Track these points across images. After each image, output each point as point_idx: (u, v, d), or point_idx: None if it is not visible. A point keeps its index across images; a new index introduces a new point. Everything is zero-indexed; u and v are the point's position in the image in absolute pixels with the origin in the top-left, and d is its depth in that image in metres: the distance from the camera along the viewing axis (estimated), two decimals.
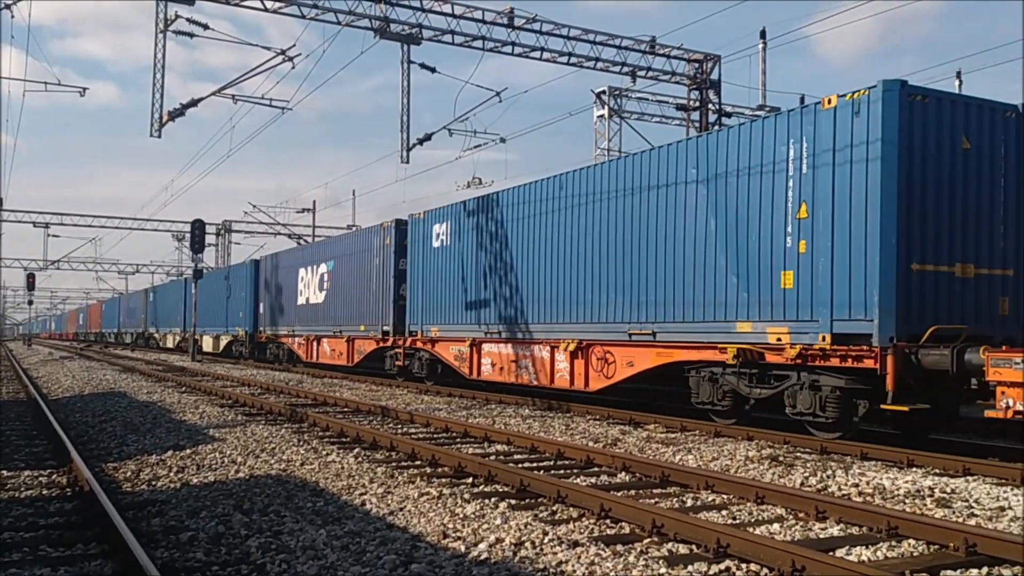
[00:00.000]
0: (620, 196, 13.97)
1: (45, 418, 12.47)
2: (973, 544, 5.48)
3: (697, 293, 12.40)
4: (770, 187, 11.28)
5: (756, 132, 11.64)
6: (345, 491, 7.56)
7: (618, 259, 14.02)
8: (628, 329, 13.67)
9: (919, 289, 10.26)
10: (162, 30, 18.38)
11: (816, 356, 10.66)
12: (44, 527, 6.26)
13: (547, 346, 15.76)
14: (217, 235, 53.06)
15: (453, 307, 18.97)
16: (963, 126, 10.63)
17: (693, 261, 12.49)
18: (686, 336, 12.60)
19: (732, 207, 11.86)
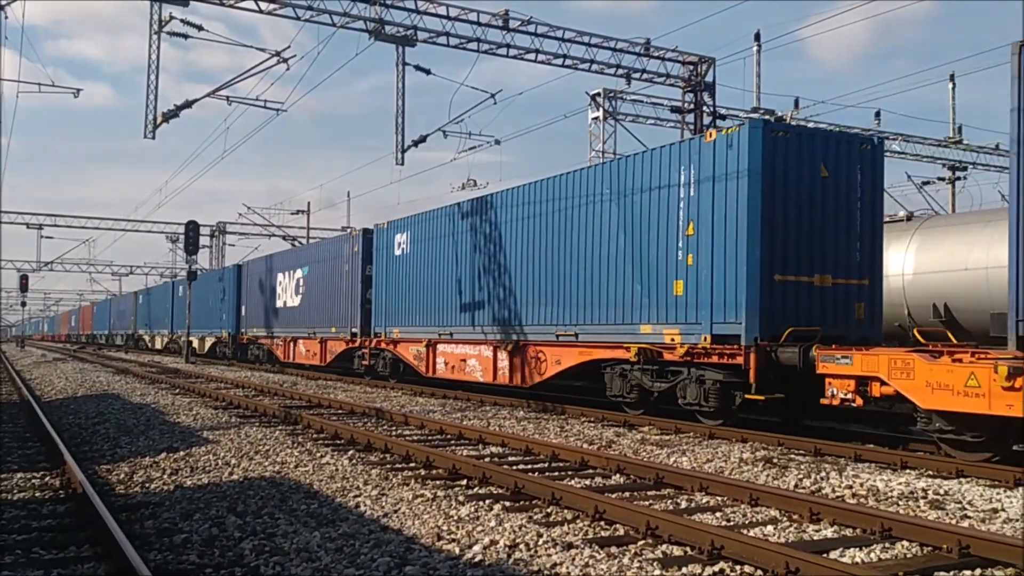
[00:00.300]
0: (550, 213, 15.61)
1: (38, 420, 12.43)
2: (966, 546, 5.50)
3: (610, 299, 13.96)
4: (666, 207, 12.91)
5: (656, 158, 13.18)
6: (339, 493, 7.55)
7: (548, 268, 15.62)
8: (556, 331, 15.32)
9: (781, 296, 11.83)
10: (156, 31, 18.35)
11: (701, 354, 12.15)
12: (37, 529, 6.24)
13: (490, 346, 17.14)
14: (211, 237, 52.97)
15: (412, 310, 20.51)
16: (822, 157, 12.24)
17: (607, 270, 14.08)
18: (602, 337, 14.20)
19: (637, 224, 13.49)
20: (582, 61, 22.10)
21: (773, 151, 11.83)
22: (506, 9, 20.55)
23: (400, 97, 20.82)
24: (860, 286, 12.62)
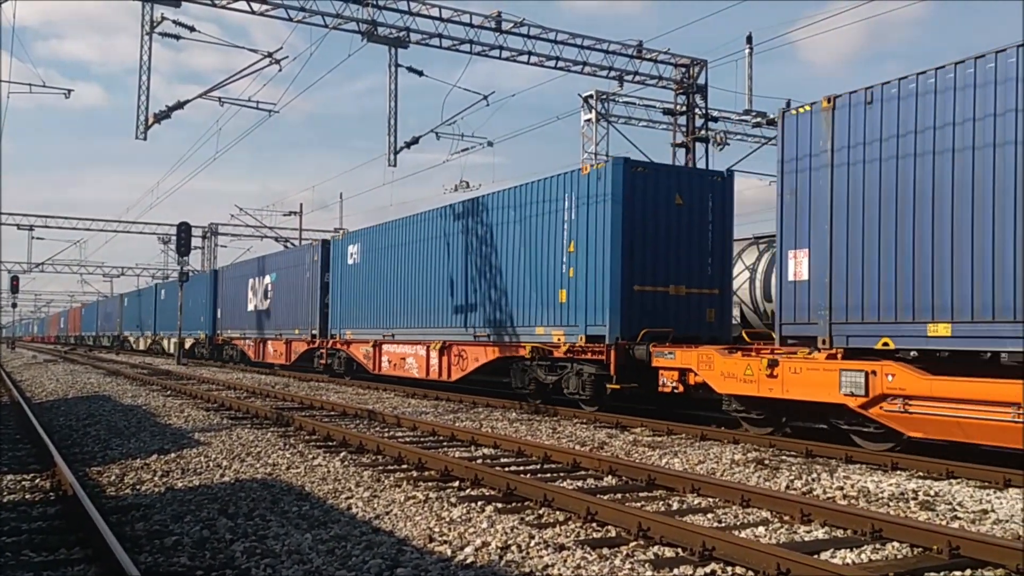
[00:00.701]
0: (467, 232, 18.26)
1: (28, 422, 12.38)
2: (956, 547, 5.52)
3: (515, 305, 16.49)
4: (555, 228, 15.37)
5: (549, 186, 15.65)
6: (331, 495, 7.54)
7: (469, 279, 18.11)
8: (475, 332, 17.71)
9: (640, 303, 14.22)
10: (148, 32, 18.30)
11: (579, 351, 14.57)
12: (27, 532, 6.21)
13: (424, 346, 19.64)
14: (203, 238, 52.84)
15: (362, 314, 22.98)
16: (677, 188, 14.72)
17: (512, 281, 16.63)
18: (507, 337, 16.67)
19: (534, 242, 15.98)
20: (574, 63, 22.11)
21: (633, 183, 14.28)
22: (499, 11, 20.56)
23: (393, 98, 20.81)
24: (711, 295, 15.04)
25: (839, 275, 10.60)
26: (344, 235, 25.22)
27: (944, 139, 9.52)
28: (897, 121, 9.94)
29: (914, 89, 9.79)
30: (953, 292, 9.41)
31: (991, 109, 9.10)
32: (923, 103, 9.70)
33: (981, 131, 9.20)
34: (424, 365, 19.57)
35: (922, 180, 9.72)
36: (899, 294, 9.91)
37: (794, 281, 11.16)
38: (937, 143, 9.57)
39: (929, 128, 9.63)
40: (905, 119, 9.87)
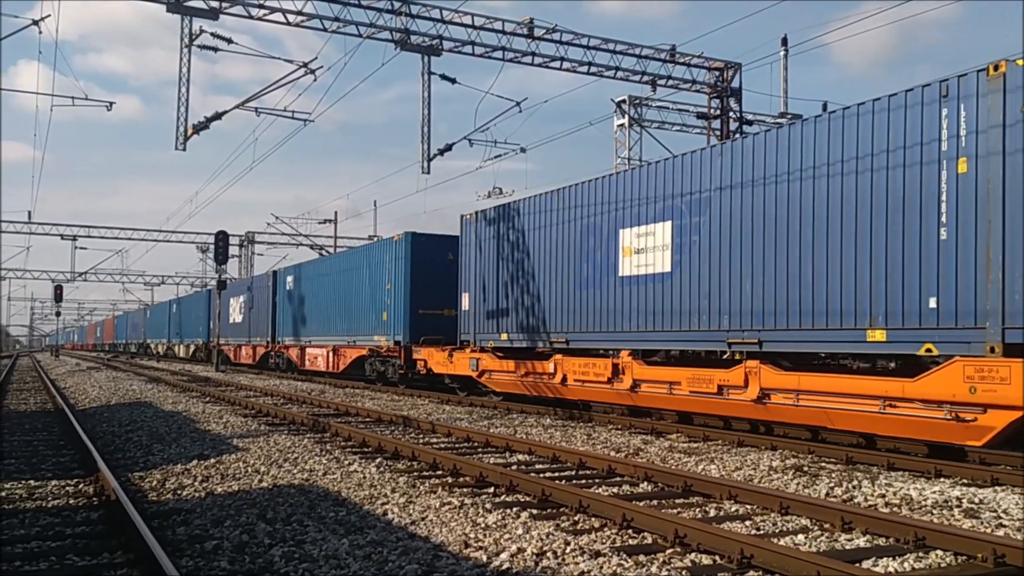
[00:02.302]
0: (342, 273, 27.68)
1: (72, 428, 12.62)
2: (1002, 555, 5.41)
3: (364, 321, 25.29)
4: (381, 273, 24.17)
5: (380, 246, 24.80)
6: (367, 500, 7.58)
7: (342, 304, 27.38)
8: (347, 339, 26.55)
9: (423, 321, 22.20)
10: (187, 44, 18.61)
11: (392, 350, 22.80)
12: (71, 536, 6.33)
13: (324, 348, 28.67)
14: (240, 246, 53.53)
15: (293, 326, 32.40)
16: (449, 248, 21.33)
17: (363, 307, 25.45)
18: (363, 341, 25.11)
19: (374, 281, 24.75)
20: (607, 68, 22.09)
21: (417, 247, 22.69)
22: (531, 17, 20.60)
23: (426, 106, 20.93)
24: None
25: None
26: (284, 268, 34.60)
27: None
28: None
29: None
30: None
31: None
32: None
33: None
34: (325, 361, 28.46)
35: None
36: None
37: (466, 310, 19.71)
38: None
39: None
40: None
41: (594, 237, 15.17)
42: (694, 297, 12.96)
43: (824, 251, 10.98)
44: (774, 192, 11.78)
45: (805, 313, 11.20)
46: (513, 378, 17.31)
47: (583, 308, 15.42)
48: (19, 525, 6.70)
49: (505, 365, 17.50)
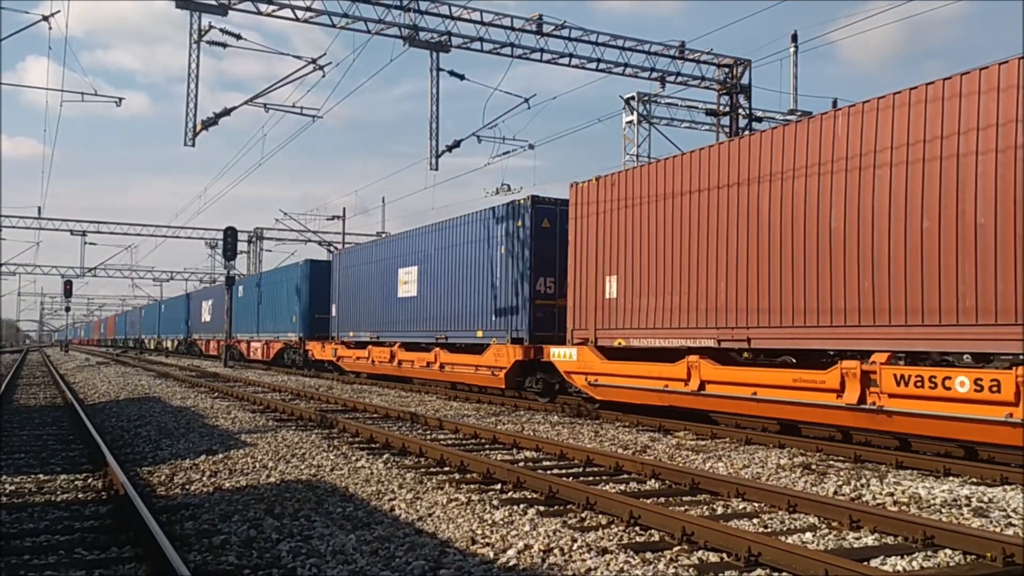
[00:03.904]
0: (273, 283, 36.39)
1: (81, 423, 12.68)
2: (1011, 554, 5.38)
3: (284, 322, 33.84)
4: (292, 287, 33.57)
5: (295, 268, 33.40)
6: (374, 496, 7.59)
7: (274, 307, 35.66)
8: (276, 336, 35.00)
9: (316, 322, 30.53)
10: (196, 40, 18.65)
11: (297, 344, 32.13)
12: (79, 530, 6.36)
13: (260, 342, 37.54)
14: (248, 242, 53.63)
15: (244, 325, 40.32)
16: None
17: (281, 310, 34.42)
18: (283, 337, 33.80)
19: (290, 292, 33.46)
20: (616, 65, 22.03)
21: (315, 270, 31.77)
22: (539, 14, 20.56)
23: (434, 102, 20.93)
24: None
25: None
26: (240, 279, 42.82)
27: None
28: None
29: None
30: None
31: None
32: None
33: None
34: (261, 352, 37.11)
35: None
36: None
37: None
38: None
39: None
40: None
41: (388, 273, 24.43)
42: (436, 310, 21.28)
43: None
44: (479, 250, 19.60)
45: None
46: (362, 361, 25.71)
47: (384, 316, 24.52)
48: (28, 519, 6.73)
49: (353, 352, 26.59)
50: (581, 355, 15.09)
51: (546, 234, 17.24)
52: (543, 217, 17.32)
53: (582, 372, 15.13)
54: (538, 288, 17.29)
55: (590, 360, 14.86)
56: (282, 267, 37.85)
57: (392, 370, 23.26)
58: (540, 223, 17.35)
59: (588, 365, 14.91)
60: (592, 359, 14.81)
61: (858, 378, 10.15)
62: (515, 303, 17.69)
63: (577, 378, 15.34)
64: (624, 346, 14.21)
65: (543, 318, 17.30)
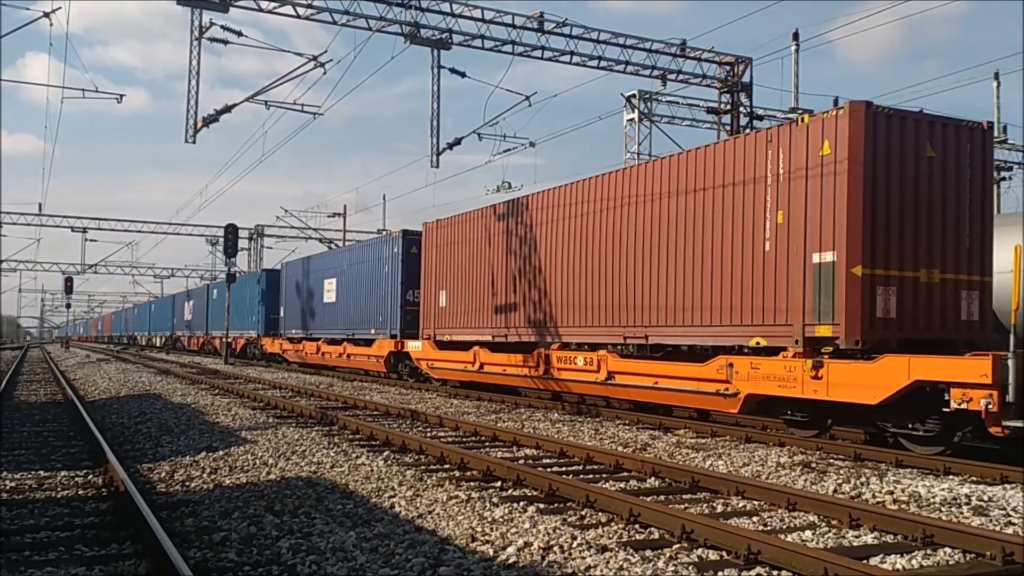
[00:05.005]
0: (240, 287, 40.40)
1: (82, 419, 12.68)
2: (1010, 553, 5.38)
3: (248, 321, 39.88)
4: (254, 293, 39.16)
5: (251, 278, 40.71)
6: (374, 494, 7.60)
7: (240, 309, 40.04)
8: (242, 333, 40.82)
9: (272, 321, 36.62)
10: (196, 37, 18.63)
11: (256, 340, 38.63)
12: (80, 527, 6.36)
13: (216, 339, 44.73)
14: (249, 239, 53.63)
15: (217, 323, 44.51)
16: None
17: (245, 312, 40.31)
18: (247, 334, 40.31)
19: (253, 296, 39.65)
20: (617, 63, 22.01)
21: (271, 278, 37.76)
22: (541, 11, 20.55)
23: (435, 100, 20.92)
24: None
25: None
26: (212, 283, 49.39)
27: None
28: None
29: None
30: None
31: None
32: None
33: None
34: (233, 346, 41.13)
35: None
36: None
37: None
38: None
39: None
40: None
41: (317, 283, 30.61)
42: (348, 313, 27.41)
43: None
44: (377, 267, 25.62)
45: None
46: (300, 353, 31.69)
47: (314, 318, 30.83)
48: (29, 515, 6.74)
49: (293, 346, 32.56)
50: (424, 347, 21.34)
51: (414, 258, 22.78)
52: (411, 245, 23.20)
53: (425, 359, 21.39)
54: (407, 297, 23.37)
55: (429, 350, 21.11)
56: (246, 275, 43.99)
57: (318, 360, 29.78)
58: (409, 249, 23.29)
59: (428, 354, 21.17)
60: (430, 349, 21.02)
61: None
62: (392, 308, 23.92)
63: (423, 363, 21.64)
64: (447, 340, 20.47)
65: (410, 320, 22.96)
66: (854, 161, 10.59)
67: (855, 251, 10.55)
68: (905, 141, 10.92)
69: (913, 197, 10.93)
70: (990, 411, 9.00)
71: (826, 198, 10.85)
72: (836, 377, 10.44)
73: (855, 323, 10.49)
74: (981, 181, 11.53)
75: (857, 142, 10.59)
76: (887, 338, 10.67)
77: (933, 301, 11.02)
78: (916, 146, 10.99)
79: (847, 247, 10.56)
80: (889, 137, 10.81)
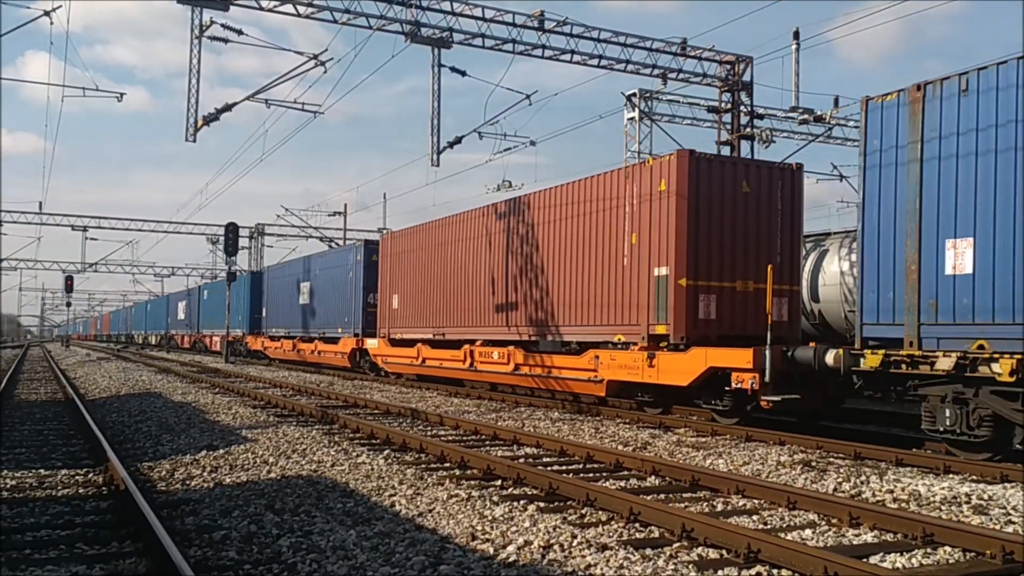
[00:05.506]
0: (220, 290, 43.36)
1: (82, 418, 12.69)
2: (1010, 552, 5.38)
3: (233, 320, 40.91)
4: (240, 294, 41.26)
5: (243, 281, 41.16)
6: (375, 492, 7.60)
7: (220, 309, 42.42)
8: (227, 331, 41.63)
9: (256, 320, 38.69)
10: (197, 36, 18.62)
11: (242, 338, 41.13)
12: (80, 525, 6.37)
13: (217, 336, 44.54)
14: (250, 238, 53.59)
15: (206, 321, 48.56)
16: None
17: (231, 311, 41.03)
18: (232, 332, 40.90)
19: (238, 297, 41.15)
20: (617, 61, 21.97)
21: (255, 280, 40.49)
22: (541, 10, 20.51)
23: (435, 99, 20.89)
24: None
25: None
26: (199, 287, 53.40)
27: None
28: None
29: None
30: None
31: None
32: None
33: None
34: (219, 344, 42.89)
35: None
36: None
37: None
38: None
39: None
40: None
41: (293, 286, 33.40)
42: (319, 313, 30.42)
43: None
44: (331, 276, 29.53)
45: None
46: (278, 351, 34.57)
47: (291, 317, 33.62)
48: (29, 513, 6.75)
49: (273, 343, 35.54)
50: (380, 344, 24.20)
51: (374, 265, 25.43)
52: (371, 253, 26.02)
53: (380, 354, 24.28)
54: (368, 300, 26.26)
55: (384, 347, 23.95)
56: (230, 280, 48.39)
57: (294, 356, 32.59)
58: (370, 257, 26.07)
59: (383, 350, 24.06)
60: (385, 346, 23.87)
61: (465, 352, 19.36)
62: (355, 310, 26.92)
63: (378, 358, 24.52)
64: (398, 338, 23.25)
65: (371, 320, 25.68)
66: (680, 196, 13.23)
67: (681, 266, 13.23)
68: (724, 179, 13.56)
69: (731, 224, 13.55)
70: (754, 389, 11.79)
71: (663, 224, 13.50)
72: (663, 365, 13.27)
73: (681, 323, 13.19)
74: (791, 210, 14.20)
75: (683, 181, 13.19)
76: (708, 335, 13.23)
77: (748, 306, 13.54)
78: (734, 183, 13.63)
79: (675, 263, 13.26)
80: (710, 176, 13.45)
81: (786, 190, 14.14)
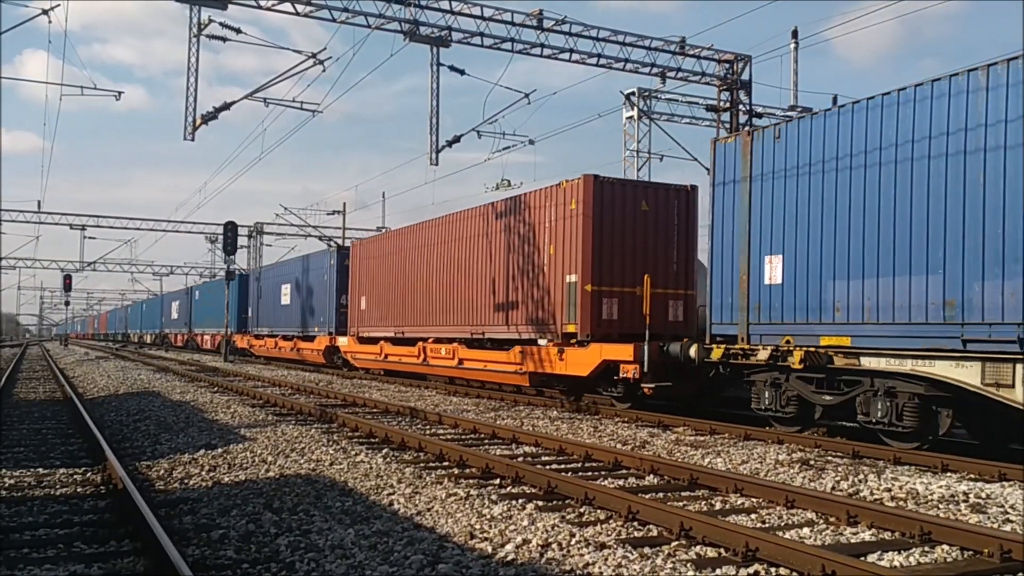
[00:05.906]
0: (210, 291, 48.06)
1: (81, 417, 12.68)
2: (1008, 550, 5.39)
3: (222, 320, 40.64)
4: (222, 299, 40.28)
5: (232, 284, 39.22)
6: (373, 491, 7.60)
7: (212, 311, 45.46)
8: (217, 331, 43.86)
9: (243, 320, 40.92)
10: (195, 34, 18.59)
11: (231, 337, 39.58)
12: (78, 524, 6.37)
13: (209, 335, 46.76)
14: (249, 237, 53.52)
15: (201, 320, 49.05)
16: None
17: (218, 313, 41.67)
18: (221, 331, 40.72)
19: (219, 301, 42.26)
20: (616, 60, 21.96)
21: (243, 282, 41.91)
22: (540, 9, 20.49)
23: (434, 97, 20.87)
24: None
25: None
26: (193, 288, 54.78)
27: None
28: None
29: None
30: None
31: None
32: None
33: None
34: (210, 343, 44.89)
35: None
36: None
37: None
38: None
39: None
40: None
41: (276, 288, 35.66)
42: (298, 314, 32.55)
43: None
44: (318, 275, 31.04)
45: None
46: (262, 349, 36.77)
47: (274, 317, 35.81)
48: (27, 512, 6.75)
49: (257, 342, 37.95)
50: (350, 342, 26.48)
51: (346, 269, 27.53)
52: (344, 258, 28.08)
53: (350, 351, 26.58)
54: (341, 302, 28.37)
55: (353, 345, 26.18)
56: (221, 279, 47.14)
57: (277, 353, 34.77)
58: (343, 262, 28.13)
59: (352, 347, 26.29)
60: (353, 344, 26.12)
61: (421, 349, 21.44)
62: (329, 310, 29.18)
63: (348, 355, 26.89)
64: (366, 336, 25.46)
65: (343, 320, 27.80)
66: (586, 215, 15.29)
67: (587, 274, 15.22)
68: (626, 199, 15.55)
69: (632, 237, 15.49)
70: (636, 378, 13.91)
71: (574, 238, 15.54)
72: (570, 358, 15.35)
73: (587, 323, 15.14)
74: (687, 225, 16.14)
75: (588, 201, 15.22)
76: (611, 333, 15.10)
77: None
78: (634, 203, 15.59)
79: (582, 271, 15.28)
80: (613, 197, 15.44)
81: (682, 208, 16.09)
